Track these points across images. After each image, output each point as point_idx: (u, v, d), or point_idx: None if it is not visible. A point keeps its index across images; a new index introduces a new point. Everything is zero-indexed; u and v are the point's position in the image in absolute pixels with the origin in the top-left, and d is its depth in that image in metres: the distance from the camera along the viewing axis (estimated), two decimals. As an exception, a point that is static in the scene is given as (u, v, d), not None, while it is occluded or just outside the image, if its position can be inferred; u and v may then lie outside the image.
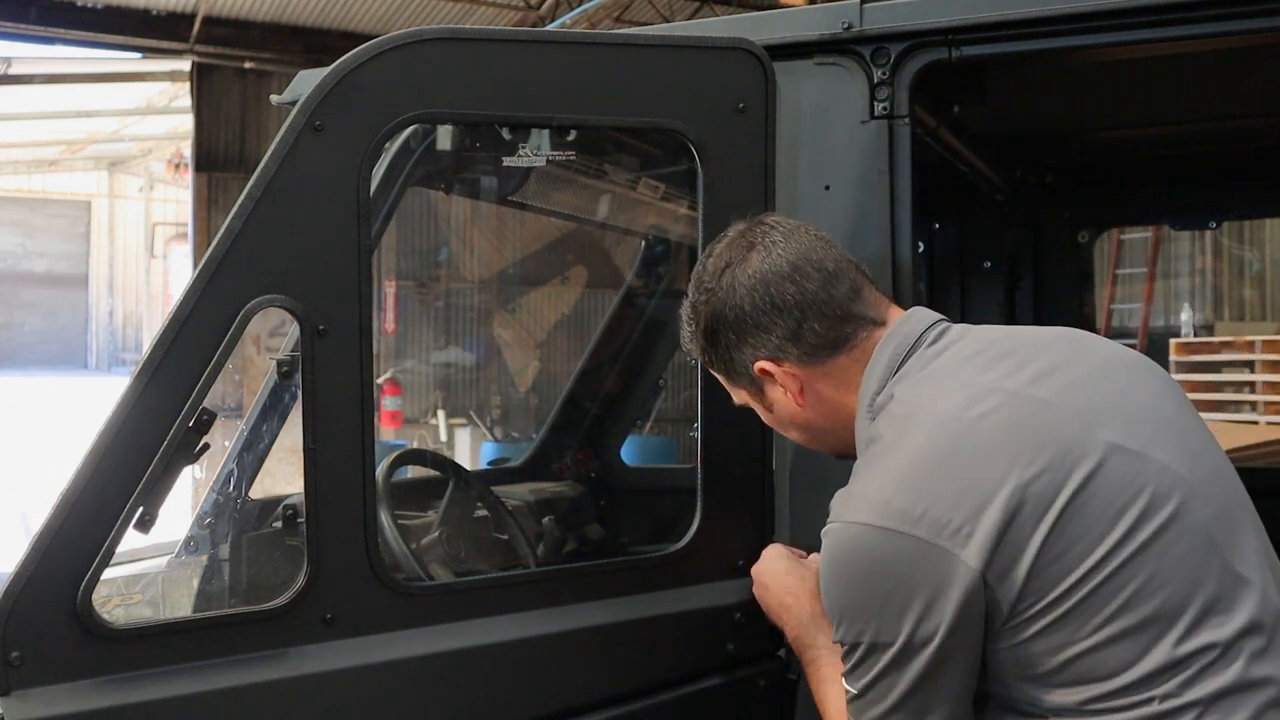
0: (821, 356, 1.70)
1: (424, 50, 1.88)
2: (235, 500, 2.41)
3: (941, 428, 1.52)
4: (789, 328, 1.69)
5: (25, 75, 17.03)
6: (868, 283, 1.75)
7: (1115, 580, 1.43)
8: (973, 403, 1.53)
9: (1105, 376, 1.59)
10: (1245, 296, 15.41)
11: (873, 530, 1.49)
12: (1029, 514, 1.44)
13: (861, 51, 2.09)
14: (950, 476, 1.47)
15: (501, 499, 2.82)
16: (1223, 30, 1.98)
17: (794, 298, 1.68)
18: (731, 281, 1.72)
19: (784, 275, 1.69)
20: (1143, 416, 1.55)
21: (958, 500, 1.45)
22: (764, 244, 1.72)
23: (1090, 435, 1.48)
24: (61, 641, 1.65)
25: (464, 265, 14.60)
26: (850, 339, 1.70)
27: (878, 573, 1.49)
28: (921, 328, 1.69)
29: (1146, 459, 1.49)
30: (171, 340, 1.72)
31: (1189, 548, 1.45)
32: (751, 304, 1.70)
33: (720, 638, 2.09)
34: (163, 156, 26.60)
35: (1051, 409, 1.51)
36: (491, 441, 12.53)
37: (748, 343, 1.73)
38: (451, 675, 1.89)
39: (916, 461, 1.51)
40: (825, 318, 1.69)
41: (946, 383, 1.59)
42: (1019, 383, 1.55)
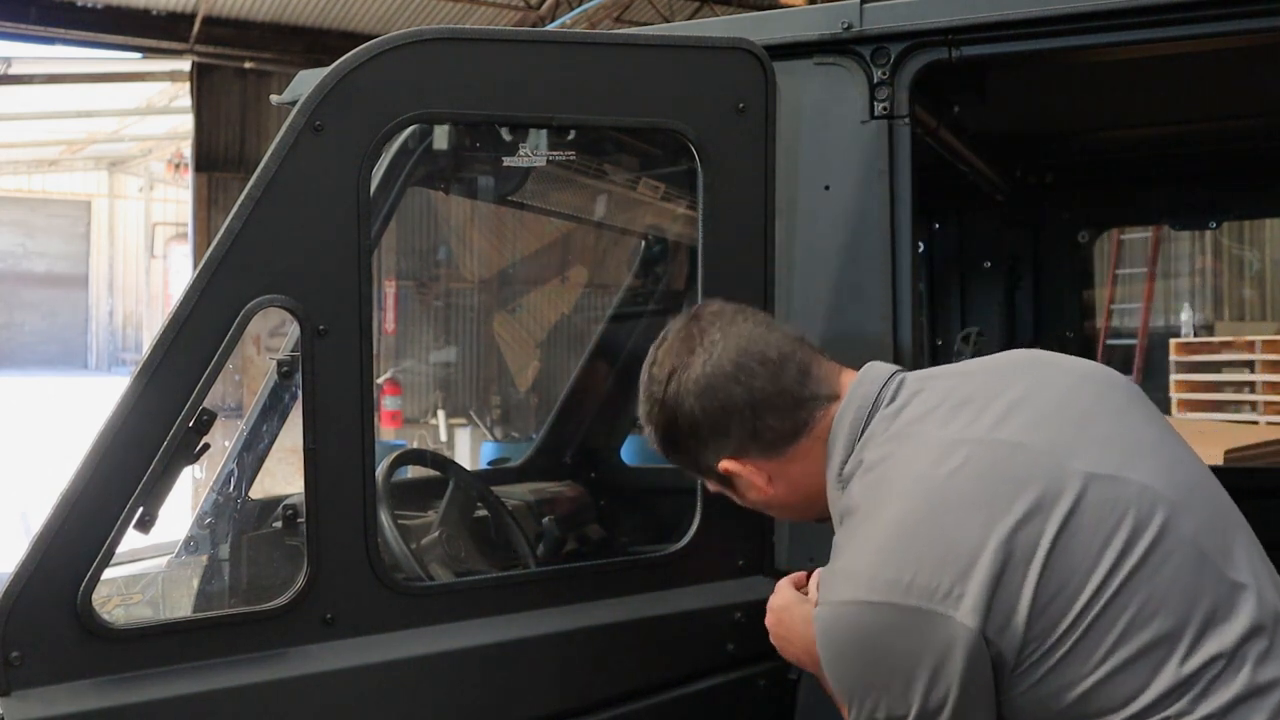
0: (783, 446, 1.69)
1: (424, 50, 1.88)
2: (235, 500, 2.41)
3: (915, 491, 1.51)
4: (745, 428, 1.68)
5: (25, 75, 17.04)
6: (815, 355, 1.72)
7: (1112, 609, 1.42)
8: (941, 459, 1.51)
9: (1069, 403, 1.57)
10: (1245, 296, 15.41)
11: (864, 606, 1.48)
12: (1017, 562, 1.42)
13: (861, 51, 2.09)
14: (932, 540, 1.46)
15: (501, 499, 2.82)
16: (1223, 30, 1.98)
17: (743, 398, 1.66)
18: (678, 390, 1.70)
19: (729, 377, 1.67)
20: (1113, 438, 1.53)
21: (944, 563, 1.44)
22: (704, 345, 1.69)
23: (1064, 469, 1.47)
24: (61, 641, 1.65)
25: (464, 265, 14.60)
26: (808, 423, 1.68)
27: (878, 648, 1.48)
28: (877, 388, 1.66)
29: (1124, 482, 1.48)
30: (171, 340, 1.72)
31: (1179, 564, 1.45)
32: (702, 411, 1.69)
33: (720, 638, 2.09)
34: (163, 156, 26.61)
35: (1021, 450, 1.50)
36: (491, 441, 12.53)
37: (708, 447, 1.72)
38: (451, 675, 1.89)
39: (896, 529, 1.49)
40: (779, 410, 1.67)
41: (911, 443, 1.57)
42: (983, 429, 1.53)
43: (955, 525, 1.45)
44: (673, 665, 2.07)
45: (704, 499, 2.10)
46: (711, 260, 2.09)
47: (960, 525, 1.45)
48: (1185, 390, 12.02)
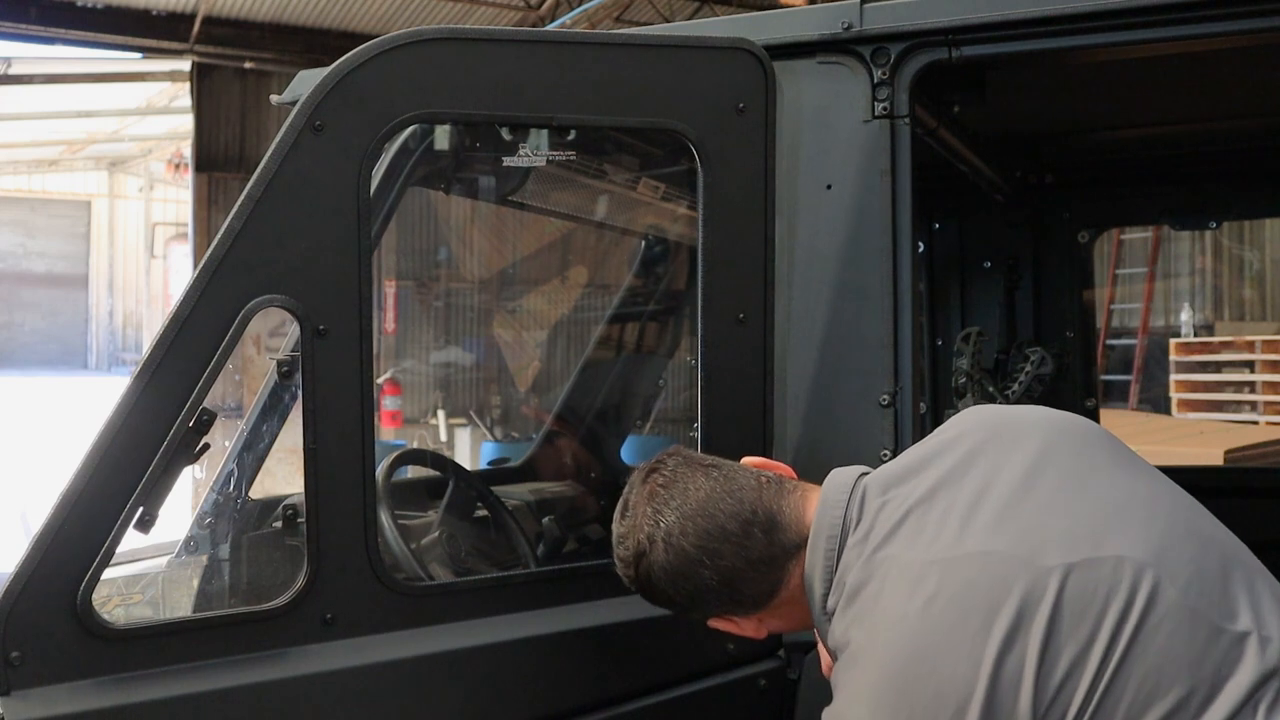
0: (764, 602, 1.71)
1: (424, 50, 1.88)
2: (235, 500, 2.41)
3: (894, 636, 1.49)
4: (722, 599, 1.70)
5: (25, 75, 17.04)
6: (777, 498, 1.70)
7: (1111, 696, 1.41)
8: (914, 591, 1.49)
9: (1033, 481, 1.54)
10: (1245, 296, 15.41)
11: None
12: (1008, 687, 1.42)
13: (862, 51, 2.09)
14: (920, 688, 1.45)
15: (501, 499, 2.82)
16: (1223, 30, 1.98)
17: (714, 579, 1.67)
18: (648, 574, 1.71)
19: (695, 562, 1.66)
20: (1082, 511, 1.51)
21: (936, 705, 1.44)
22: (663, 532, 1.68)
23: (1038, 568, 1.45)
24: (61, 641, 1.65)
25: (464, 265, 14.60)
26: (783, 579, 1.68)
27: None
28: (840, 511, 1.63)
29: (1100, 563, 1.45)
30: (171, 340, 1.72)
31: (1172, 632, 1.43)
32: (677, 592, 1.70)
33: (720, 638, 2.09)
34: (163, 156, 26.61)
35: (991, 559, 1.48)
36: (491, 441, 12.52)
37: (697, 611, 1.76)
38: (451, 675, 1.89)
39: (883, 677, 1.49)
40: (752, 579, 1.67)
41: (885, 572, 1.55)
42: (948, 542, 1.51)
43: (939, 667, 1.45)
44: (673, 665, 2.07)
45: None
46: (711, 260, 2.09)
47: (944, 666, 1.44)
48: (1185, 390, 12.02)
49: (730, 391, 2.10)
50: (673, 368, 3.50)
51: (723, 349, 2.10)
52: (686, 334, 3.39)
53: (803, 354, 2.12)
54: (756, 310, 2.12)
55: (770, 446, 2.12)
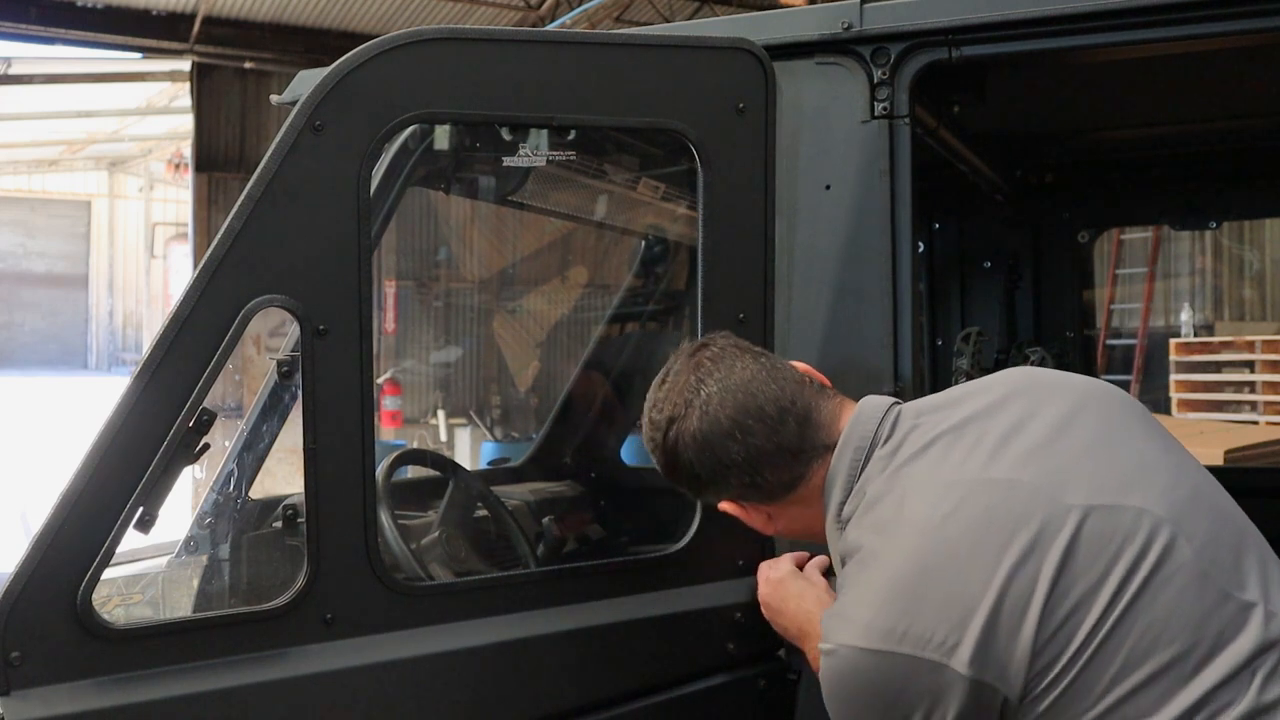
0: (781, 494, 1.73)
1: (424, 50, 1.88)
2: (235, 500, 2.41)
3: (912, 540, 1.52)
4: (742, 480, 1.71)
5: (25, 75, 17.04)
6: (816, 400, 1.73)
7: (1114, 639, 1.43)
8: (937, 504, 1.53)
9: (1065, 428, 1.57)
10: (1245, 296, 15.41)
11: (861, 653, 1.51)
12: (1015, 606, 1.44)
13: (861, 51, 2.09)
14: (929, 591, 1.48)
15: (501, 499, 2.82)
16: (1223, 30, 1.98)
17: (740, 455, 1.68)
18: (676, 441, 1.73)
19: (726, 434, 1.68)
20: (1110, 464, 1.54)
21: (940, 613, 1.46)
22: (701, 399, 1.71)
23: (1060, 504, 1.48)
24: (61, 641, 1.65)
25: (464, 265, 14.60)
26: (805, 474, 1.70)
27: (874, 693, 1.51)
28: (873, 426, 1.67)
29: (1121, 510, 1.48)
30: (171, 340, 1.72)
31: (1181, 588, 1.45)
32: (701, 465, 1.72)
33: (720, 638, 2.09)
34: (163, 156, 26.61)
35: (1016, 488, 1.51)
36: (491, 441, 12.52)
37: (707, 490, 1.77)
38: (451, 675, 1.89)
39: (894, 579, 1.51)
40: (776, 465, 1.69)
41: (908, 485, 1.58)
42: (976, 468, 1.54)
43: (952, 575, 1.47)
44: (673, 665, 2.07)
45: (704, 499, 2.10)
46: (711, 260, 2.09)
47: (957, 575, 1.47)
48: (1185, 390, 12.02)
49: (730, 391, 2.10)
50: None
51: (723, 349, 2.10)
52: (686, 334, 3.39)
53: (803, 354, 2.11)
54: (756, 310, 2.12)
55: (770, 446, 2.12)
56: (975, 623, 1.44)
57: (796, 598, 1.93)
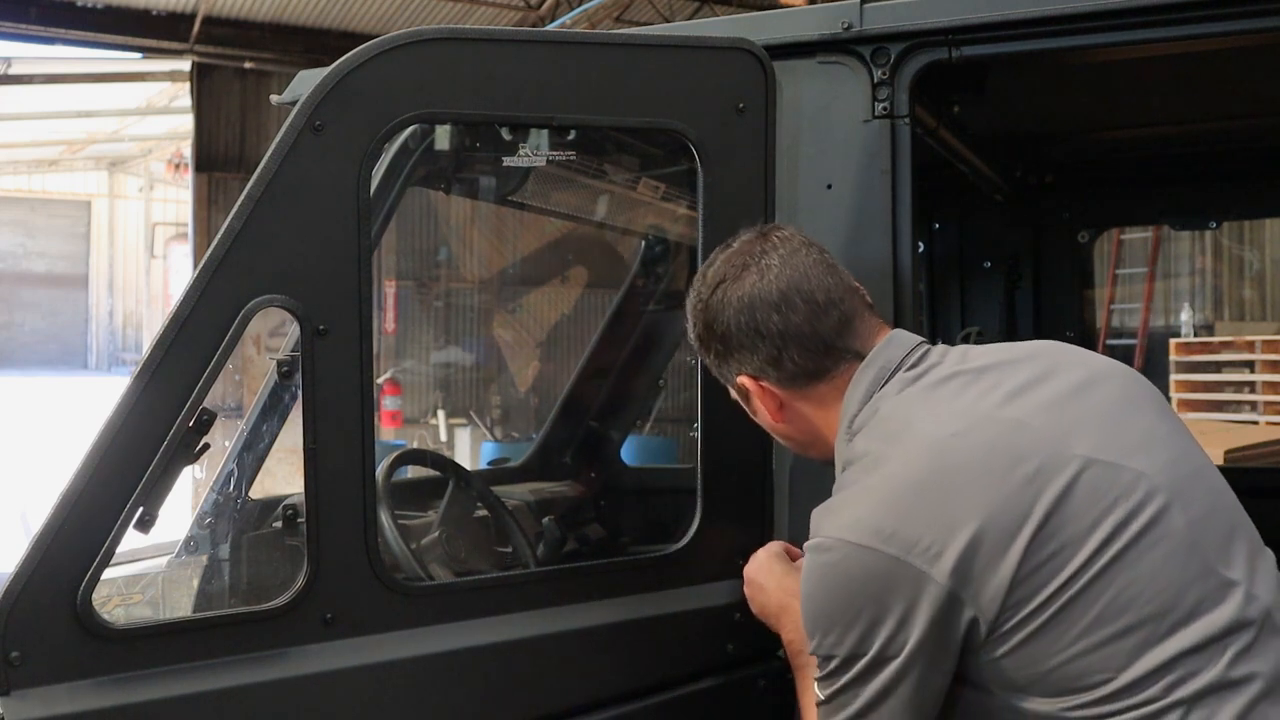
0: (800, 383, 1.75)
1: (424, 50, 1.88)
2: (235, 500, 2.41)
3: (917, 450, 1.56)
4: (769, 353, 1.73)
5: (25, 75, 17.03)
6: (862, 310, 1.76)
7: (1094, 589, 1.45)
8: (947, 425, 1.57)
9: (1082, 391, 1.61)
10: (1245, 296, 15.41)
11: (848, 546, 1.53)
12: (1003, 531, 1.46)
13: (862, 51, 2.09)
14: (924, 498, 1.51)
15: (501, 499, 2.82)
16: (1223, 30, 1.98)
17: (777, 327, 1.71)
18: (723, 298, 1.76)
19: (770, 304, 1.71)
20: (1119, 427, 1.57)
21: (930, 521, 1.49)
22: (759, 266, 1.74)
23: (1064, 450, 1.51)
24: (61, 641, 1.65)
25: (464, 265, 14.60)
26: (830, 371, 1.73)
27: (852, 588, 1.53)
28: (902, 352, 1.71)
29: (1122, 469, 1.51)
30: (171, 340, 1.72)
31: (1168, 553, 1.47)
32: (736, 325, 1.74)
33: (720, 638, 2.09)
34: (163, 156, 26.60)
35: (1024, 428, 1.54)
36: (491, 441, 12.52)
37: (733, 357, 1.78)
38: (451, 675, 1.89)
39: (892, 483, 1.55)
40: (806, 350, 1.72)
41: (922, 406, 1.62)
42: (992, 404, 1.58)
43: (948, 490, 1.50)
44: (673, 665, 2.07)
45: (704, 499, 2.09)
46: (711, 260, 2.09)
47: (953, 491, 1.50)
48: (1185, 390, 12.02)
49: (730, 391, 2.10)
50: (672, 368, 3.50)
51: (723, 349, 2.10)
52: (686, 334, 3.39)
53: (803, 354, 2.11)
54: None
55: (770, 446, 2.12)
56: (962, 537, 1.46)
57: (780, 576, 1.96)
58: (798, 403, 1.77)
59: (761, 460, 2.12)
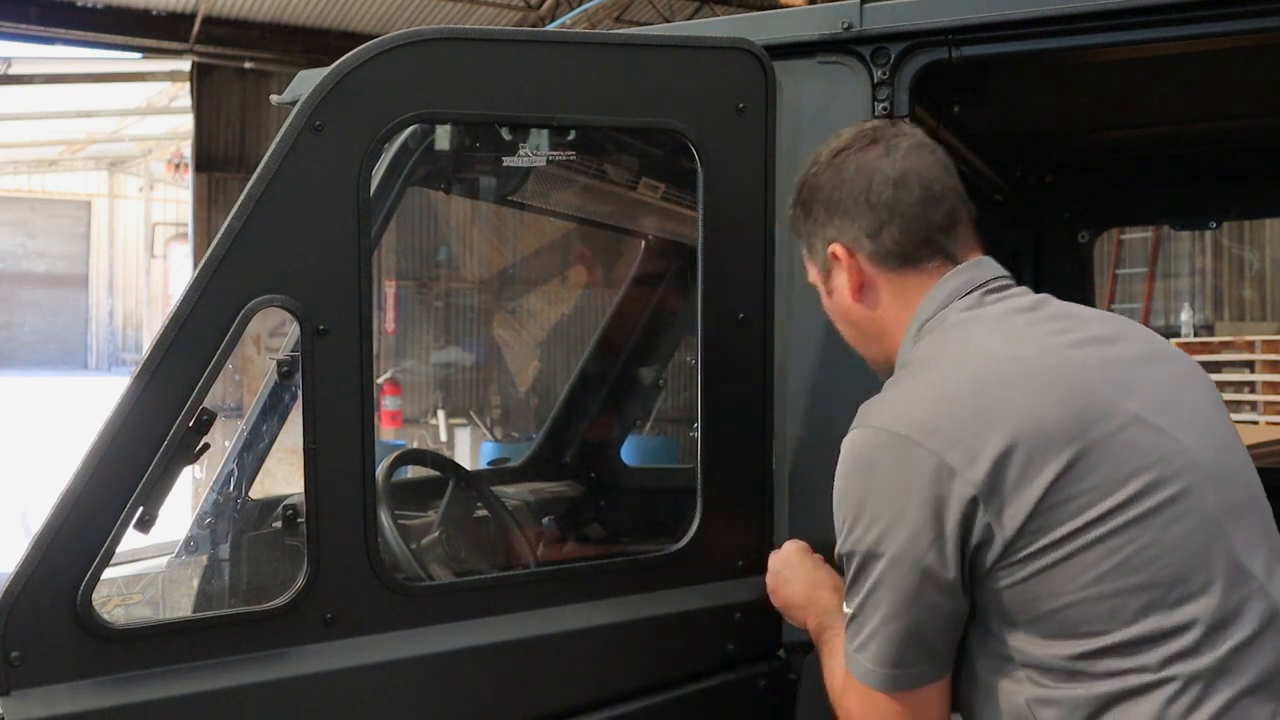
0: (890, 264, 1.74)
1: (424, 50, 1.88)
2: (235, 500, 2.41)
3: (976, 359, 1.58)
4: (871, 224, 1.73)
5: (25, 75, 17.03)
6: (967, 221, 1.77)
7: (1114, 539, 1.46)
8: (1012, 345, 1.59)
9: (1146, 361, 1.62)
10: (1245, 296, 15.41)
11: (889, 435, 1.55)
12: (1040, 452, 1.47)
13: (862, 51, 2.09)
14: (973, 403, 1.52)
15: (501, 499, 2.82)
16: (1223, 30, 1.98)
17: (888, 200, 1.72)
18: (842, 163, 1.77)
19: (889, 178, 1.72)
20: (1174, 402, 1.58)
21: (974, 426, 1.50)
22: (888, 143, 1.76)
23: (1117, 402, 1.53)
24: (61, 641, 1.65)
25: (464, 265, 14.60)
26: (921, 261, 1.73)
27: (884, 474, 1.54)
28: (989, 274, 1.72)
29: (1167, 436, 1.53)
30: (171, 340, 1.72)
31: (1192, 528, 1.49)
32: (848, 190, 1.74)
33: (720, 638, 2.09)
34: (163, 156, 26.60)
35: (1086, 369, 1.56)
36: (491, 441, 12.52)
37: (832, 223, 1.77)
38: (451, 675, 1.89)
39: (945, 384, 1.57)
40: (907, 231, 1.72)
41: (994, 325, 1.65)
42: (1060, 343, 1.60)
43: (1000, 401, 1.51)
44: (673, 665, 2.07)
45: (704, 499, 2.10)
46: (711, 260, 2.09)
47: (1004, 402, 1.51)
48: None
49: (730, 391, 2.10)
50: (673, 368, 3.50)
51: (723, 349, 2.10)
52: (686, 334, 3.39)
53: (803, 354, 2.12)
54: (756, 310, 2.12)
55: (770, 446, 2.12)
56: (1000, 447, 1.48)
57: (811, 570, 1.96)
58: (880, 286, 1.76)
59: (761, 460, 2.12)
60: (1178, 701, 1.44)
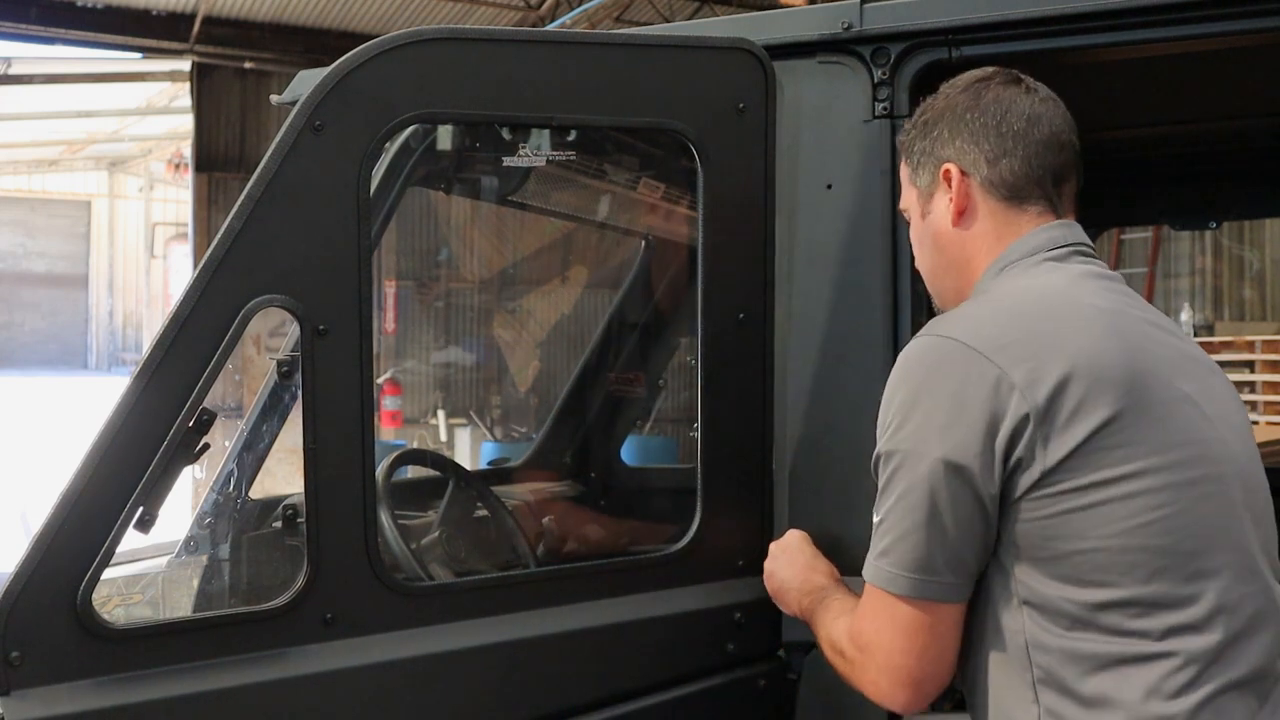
0: (999, 194, 1.75)
1: (424, 50, 1.88)
2: (235, 500, 2.41)
3: (1053, 296, 1.61)
4: (994, 150, 1.74)
5: (25, 75, 17.02)
6: (1073, 184, 1.79)
7: (1148, 497, 1.48)
8: (1090, 296, 1.61)
9: (1198, 361, 1.66)
10: (1245, 296, 15.41)
11: (956, 344, 1.55)
12: (1095, 393, 1.49)
13: (862, 51, 2.09)
14: (1043, 330, 1.54)
15: (501, 499, 2.82)
16: (1223, 30, 1.98)
17: (1018, 131, 1.73)
18: (981, 90, 1.77)
19: (1024, 113, 1.74)
20: (1220, 400, 1.62)
21: (1040, 351, 1.52)
22: (1028, 85, 1.78)
23: (1174, 378, 1.56)
24: (61, 641, 1.65)
25: (464, 265, 14.60)
26: (1027, 201, 1.74)
27: (945, 382, 1.54)
28: (1080, 239, 1.74)
29: (1212, 425, 1.56)
30: (171, 340, 1.72)
31: (1219, 511, 1.52)
32: (981, 115, 1.75)
33: (720, 638, 2.09)
34: (163, 156, 26.59)
35: (1151, 342, 1.59)
36: (491, 441, 12.52)
37: (954, 144, 1.77)
38: (451, 675, 1.89)
39: (1018, 309, 1.60)
40: (1026, 165, 1.73)
41: (1075, 278, 1.66)
42: (1134, 314, 1.63)
43: (1068, 335, 1.53)
44: (673, 665, 2.07)
45: (704, 499, 2.10)
46: (711, 260, 2.09)
47: (1071, 338, 1.53)
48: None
49: (730, 391, 2.10)
50: (672, 368, 3.50)
51: (723, 349, 2.10)
52: (686, 334, 3.39)
53: (803, 354, 2.12)
54: (756, 310, 2.12)
55: (770, 446, 2.12)
56: (1059, 377, 1.49)
57: (811, 556, 1.98)
58: (981, 215, 1.76)
59: (761, 460, 2.12)
60: (1173, 678, 1.46)
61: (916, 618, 1.56)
